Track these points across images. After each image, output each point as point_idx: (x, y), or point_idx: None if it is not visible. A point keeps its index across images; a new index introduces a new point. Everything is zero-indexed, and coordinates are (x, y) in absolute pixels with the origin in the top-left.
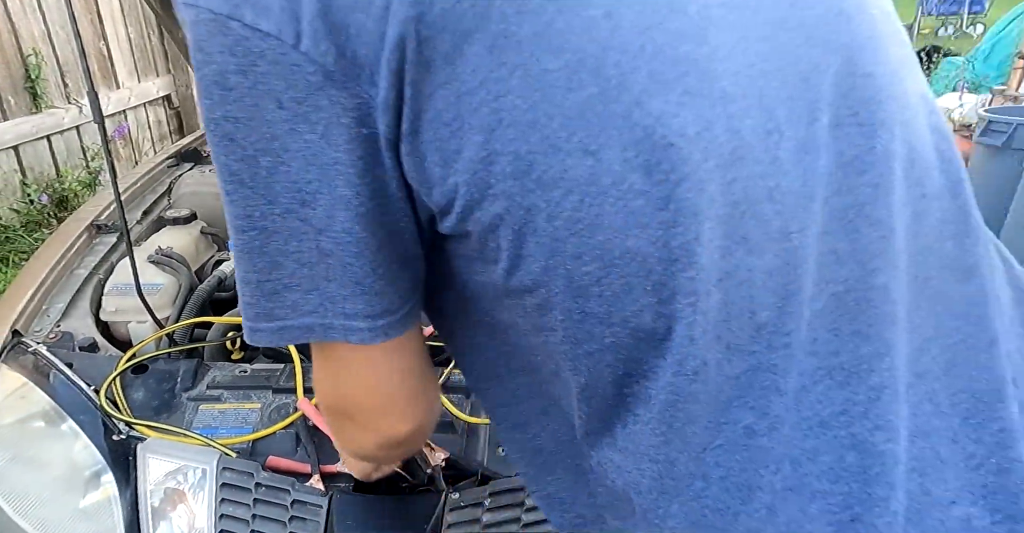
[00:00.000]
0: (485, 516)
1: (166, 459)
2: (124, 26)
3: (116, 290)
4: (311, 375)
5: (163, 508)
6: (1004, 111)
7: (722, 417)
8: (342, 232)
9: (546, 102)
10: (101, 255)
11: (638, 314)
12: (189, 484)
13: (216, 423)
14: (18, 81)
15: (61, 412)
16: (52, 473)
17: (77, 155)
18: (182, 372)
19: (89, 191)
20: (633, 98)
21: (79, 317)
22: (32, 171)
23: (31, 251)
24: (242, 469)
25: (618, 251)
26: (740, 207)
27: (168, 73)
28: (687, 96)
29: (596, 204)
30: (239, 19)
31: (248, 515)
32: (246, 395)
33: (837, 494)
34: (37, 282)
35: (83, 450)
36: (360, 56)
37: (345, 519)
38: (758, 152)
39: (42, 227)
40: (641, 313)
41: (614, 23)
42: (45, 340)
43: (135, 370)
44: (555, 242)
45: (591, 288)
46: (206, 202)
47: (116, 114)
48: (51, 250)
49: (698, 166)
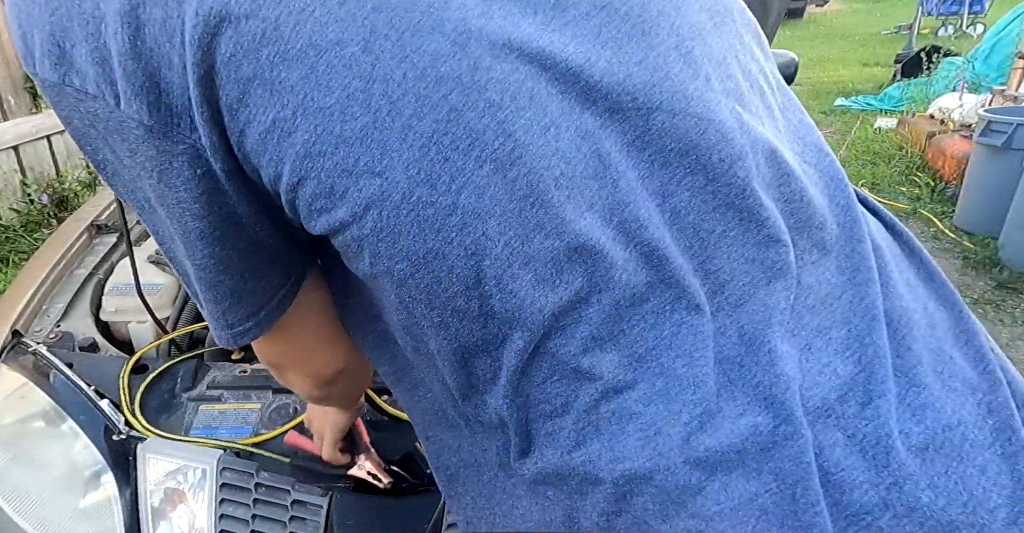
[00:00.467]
0: None
1: (166, 459)
2: None
3: (116, 290)
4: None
5: (163, 508)
6: (1004, 111)
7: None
8: (205, 258)
9: (329, 134)
10: (101, 255)
11: (453, 298)
12: (189, 484)
13: (216, 423)
14: (18, 81)
15: (61, 412)
16: (52, 473)
17: (77, 155)
18: (182, 372)
19: (89, 191)
20: (404, 122)
21: (79, 317)
22: (32, 171)
23: (31, 251)
24: (242, 469)
25: (421, 252)
26: (529, 200)
27: None
28: (454, 112)
29: (392, 216)
30: (70, 85)
31: (248, 515)
32: (246, 395)
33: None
34: (37, 282)
35: (83, 450)
36: (174, 108)
37: (345, 519)
38: (535, 148)
39: (42, 227)
40: (456, 298)
41: (374, 56)
42: (45, 340)
43: (135, 370)
44: (371, 246)
45: (408, 281)
46: None
47: None
48: (51, 250)
49: (473, 173)
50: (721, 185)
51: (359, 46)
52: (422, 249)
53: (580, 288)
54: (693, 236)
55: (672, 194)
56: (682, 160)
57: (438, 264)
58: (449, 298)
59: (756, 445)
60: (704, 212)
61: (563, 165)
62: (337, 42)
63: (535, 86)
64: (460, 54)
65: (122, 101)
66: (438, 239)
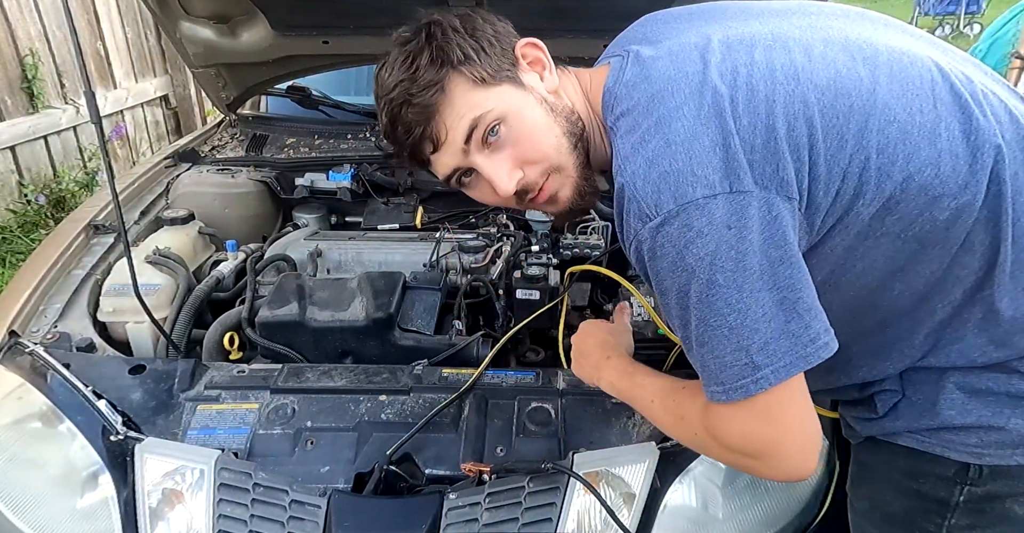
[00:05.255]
0: (483, 516)
1: (164, 459)
2: (121, 26)
3: (114, 291)
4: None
5: (161, 508)
6: None
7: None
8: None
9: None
10: (98, 255)
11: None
12: (187, 484)
13: (214, 424)
14: (15, 81)
15: (58, 413)
16: (49, 474)
17: (74, 155)
18: (179, 372)
19: (86, 191)
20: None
21: (76, 318)
22: (29, 172)
23: (28, 252)
24: (240, 469)
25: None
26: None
27: (166, 73)
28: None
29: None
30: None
31: (246, 515)
32: (244, 395)
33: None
34: (34, 283)
35: (80, 451)
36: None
37: (343, 520)
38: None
39: (39, 228)
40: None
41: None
42: (42, 340)
43: (132, 370)
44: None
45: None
46: (204, 202)
47: (113, 114)
48: (48, 251)
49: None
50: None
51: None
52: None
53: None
54: None
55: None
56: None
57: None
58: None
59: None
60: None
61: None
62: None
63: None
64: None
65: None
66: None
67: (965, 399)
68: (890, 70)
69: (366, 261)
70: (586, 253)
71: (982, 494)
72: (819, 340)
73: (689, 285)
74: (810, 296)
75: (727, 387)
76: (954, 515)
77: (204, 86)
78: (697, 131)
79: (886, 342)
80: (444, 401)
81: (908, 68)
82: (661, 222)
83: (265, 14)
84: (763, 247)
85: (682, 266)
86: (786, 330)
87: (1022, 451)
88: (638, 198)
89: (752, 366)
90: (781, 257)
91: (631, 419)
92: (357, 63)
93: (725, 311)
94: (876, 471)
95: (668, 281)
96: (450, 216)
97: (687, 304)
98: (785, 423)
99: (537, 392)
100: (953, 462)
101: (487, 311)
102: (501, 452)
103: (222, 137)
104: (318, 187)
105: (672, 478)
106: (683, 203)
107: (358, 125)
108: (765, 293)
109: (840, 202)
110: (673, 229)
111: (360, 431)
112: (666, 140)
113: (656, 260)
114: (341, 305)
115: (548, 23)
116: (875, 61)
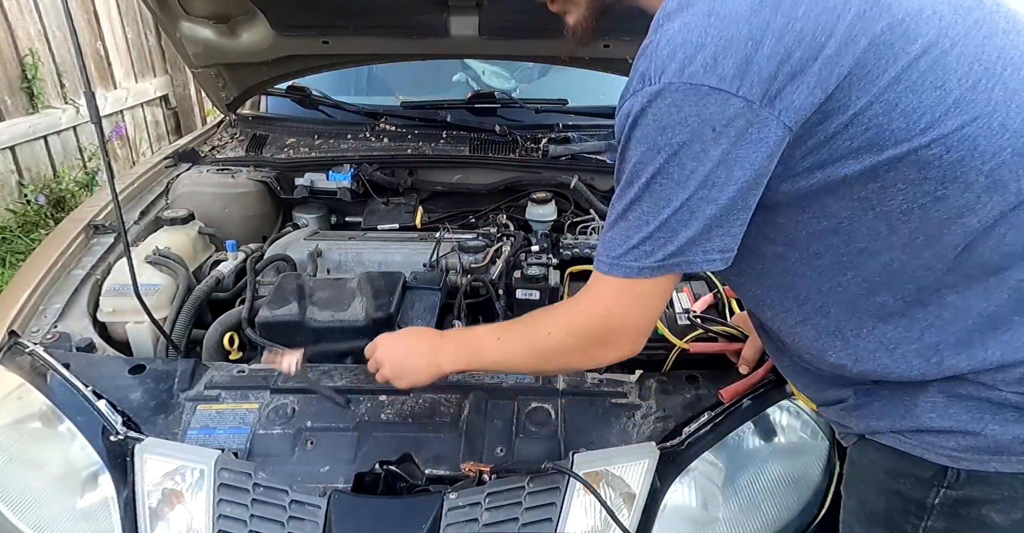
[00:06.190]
0: (483, 516)
1: (164, 459)
2: (121, 26)
3: (113, 291)
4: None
5: (161, 509)
6: None
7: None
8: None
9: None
10: (98, 255)
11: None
12: (187, 484)
13: (213, 424)
14: (15, 81)
15: (58, 413)
16: (49, 474)
17: (74, 155)
18: (179, 372)
19: (86, 191)
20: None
21: (76, 318)
22: (29, 172)
23: (28, 252)
24: (240, 469)
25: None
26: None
27: (165, 73)
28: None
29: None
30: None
31: (246, 515)
32: (244, 395)
33: None
34: (34, 283)
35: (80, 451)
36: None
37: (343, 520)
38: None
39: (39, 228)
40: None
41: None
42: (42, 340)
43: (132, 370)
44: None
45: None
46: (203, 202)
47: (113, 114)
48: (48, 250)
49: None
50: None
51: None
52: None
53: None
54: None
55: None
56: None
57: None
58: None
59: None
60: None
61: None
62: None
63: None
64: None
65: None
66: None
67: (947, 402)
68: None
69: (366, 261)
70: (586, 253)
71: (957, 498)
72: (711, 255)
73: (646, 163)
74: (735, 222)
75: (620, 263)
76: (931, 517)
77: (204, 86)
78: (743, 15)
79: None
80: (444, 401)
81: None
82: (658, 91)
83: (265, 14)
84: (728, 161)
85: (652, 144)
86: (693, 238)
87: (1000, 458)
88: (654, 55)
89: (647, 254)
90: (740, 177)
91: (631, 419)
92: (357, 63)
93: (661, 200)
94: (863, 470)
95: (632, 151)
96: (450, 216)
97: (633, 180)
98: (645, 314)
99: (537, 392)
100: (932, 464)
101: (487, 311)
102: (501, 452)
103: (222, 137)
104: (318, 187)
105: (672, 478)
106: (687, 81)
107: (358, 125)
108: (704, 203)
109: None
110: (663, 104)
111: (360, 431)
112: (711, 10)
113: (636, 129)
114: (341, 305)
115: (548, 23)
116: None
